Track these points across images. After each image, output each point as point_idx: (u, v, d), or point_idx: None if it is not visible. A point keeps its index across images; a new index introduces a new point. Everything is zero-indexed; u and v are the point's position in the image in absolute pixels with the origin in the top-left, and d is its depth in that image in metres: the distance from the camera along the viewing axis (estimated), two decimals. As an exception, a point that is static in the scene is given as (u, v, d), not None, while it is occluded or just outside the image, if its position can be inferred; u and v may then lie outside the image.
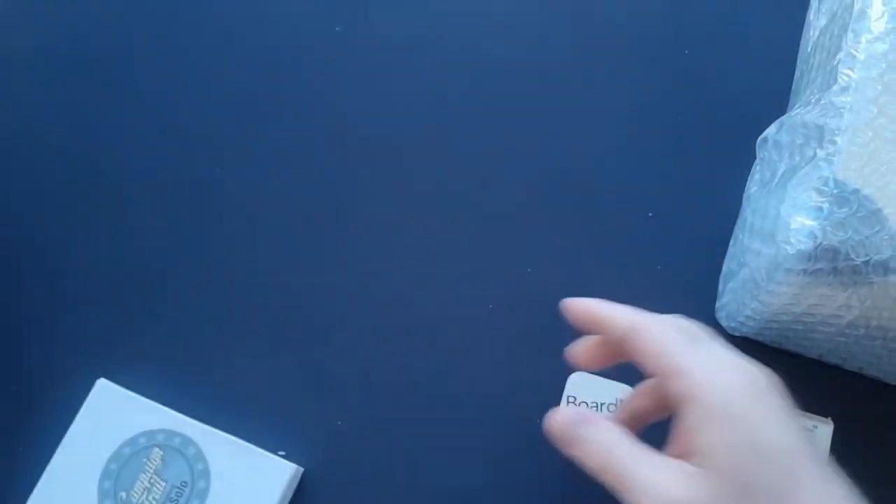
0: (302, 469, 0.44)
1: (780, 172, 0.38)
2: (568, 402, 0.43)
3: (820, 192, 0.34)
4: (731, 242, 0.45)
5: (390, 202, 0.51)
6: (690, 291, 0.47)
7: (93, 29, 0.58)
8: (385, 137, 0.53)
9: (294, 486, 0.44)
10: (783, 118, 0.40)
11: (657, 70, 0.53)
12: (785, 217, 0.34)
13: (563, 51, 0.55)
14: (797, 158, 0.37)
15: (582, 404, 0.43)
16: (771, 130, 0.41)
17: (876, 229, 0.33)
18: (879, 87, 0.35)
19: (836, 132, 0.35)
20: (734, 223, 0.45)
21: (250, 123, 0.54)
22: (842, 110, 0.35)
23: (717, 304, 0.45)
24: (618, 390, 0.43)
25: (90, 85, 0.56)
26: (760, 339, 0.44)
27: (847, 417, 0.43)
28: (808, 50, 0.44)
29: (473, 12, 0.56)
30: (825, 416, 0.41)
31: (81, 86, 0.56)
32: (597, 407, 0.43)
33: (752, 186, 0.43)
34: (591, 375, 0.43)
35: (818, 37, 0.42)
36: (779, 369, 0.45)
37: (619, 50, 0.54)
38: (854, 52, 0.36)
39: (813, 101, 0.37)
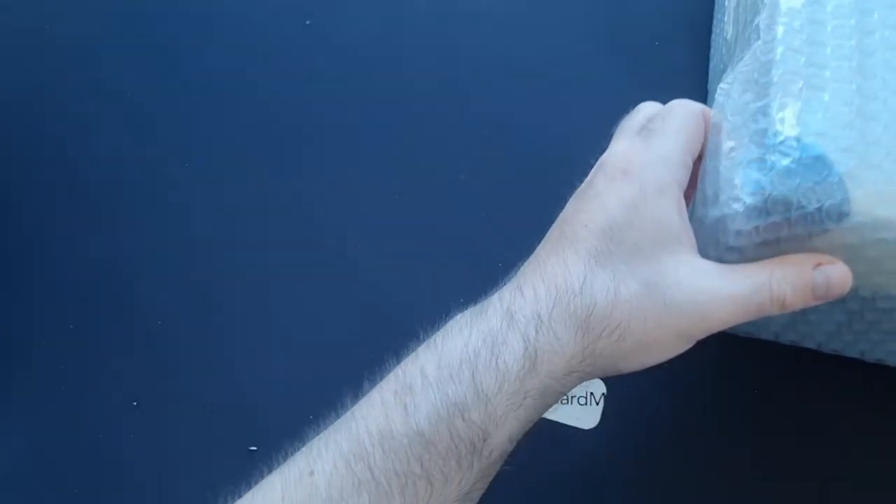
0: None
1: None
2: None
3: (759, 145, 0.33)
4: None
5: (363, 195, 0.50)
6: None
7: (59, 18, 0.59)
8: (357, 132, 0.52)
9: None
10: (721, 82, 0.39)
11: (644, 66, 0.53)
12: (725, 174, 0.34)
13: (545, 44, 0.54)
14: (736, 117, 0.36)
15: None
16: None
17: (824, 174, 0.32)
18: (804, 37, 0.35)
19: (768, 85, 0.34)
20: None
21: (217, 118, 0.54)
22: (769, 64, 0.35)
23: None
24: (589, 384, 0.41)
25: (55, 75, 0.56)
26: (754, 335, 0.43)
27: (852, 410, 0.43)
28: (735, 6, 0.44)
29: (448, 4, 0.56)
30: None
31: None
32: (567, 400, 0.41)
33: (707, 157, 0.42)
34: None
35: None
36: (778, 363, 0.43)
37: (607, 44, 0.54)
38: (775, 5, 0.36)
39: (747, 56, 0.37)
